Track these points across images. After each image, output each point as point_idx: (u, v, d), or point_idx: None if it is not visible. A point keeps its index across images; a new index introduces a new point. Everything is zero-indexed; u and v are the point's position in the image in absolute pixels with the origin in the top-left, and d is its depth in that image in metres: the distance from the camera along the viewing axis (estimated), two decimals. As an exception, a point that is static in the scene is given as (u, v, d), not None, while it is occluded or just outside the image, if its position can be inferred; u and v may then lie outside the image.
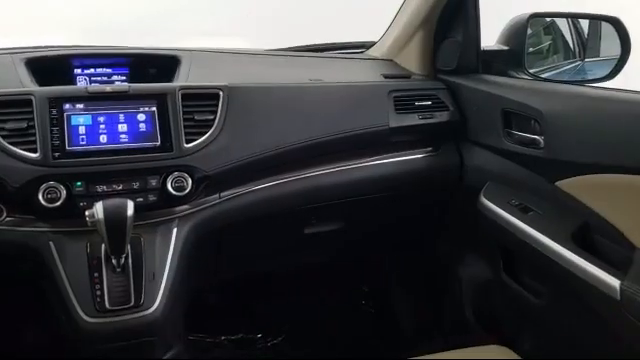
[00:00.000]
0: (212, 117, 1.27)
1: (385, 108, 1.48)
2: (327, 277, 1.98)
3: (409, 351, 1.16)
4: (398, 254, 1.96)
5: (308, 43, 1.85)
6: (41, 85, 1.26)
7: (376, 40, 1.85)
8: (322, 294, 2.01)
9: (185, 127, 1.23)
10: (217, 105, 1.28)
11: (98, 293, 1.09)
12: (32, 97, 1.17)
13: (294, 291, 1.99)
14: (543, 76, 1.58)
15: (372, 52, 1.84)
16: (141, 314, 1.10)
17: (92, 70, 1.44)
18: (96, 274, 1.11)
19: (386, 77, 1.59)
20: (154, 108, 1.24)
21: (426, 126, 1.52)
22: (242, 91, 1.33)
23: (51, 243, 1.14)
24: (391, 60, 1.75)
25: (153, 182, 1.19)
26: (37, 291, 1.22)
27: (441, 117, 1.53)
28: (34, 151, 1.14)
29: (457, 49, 1.58)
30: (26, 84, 1.25)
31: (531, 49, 1.59)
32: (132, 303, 1.10)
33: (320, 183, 1.42)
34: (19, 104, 1.17)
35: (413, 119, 1.50)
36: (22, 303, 1.52)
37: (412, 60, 1.70)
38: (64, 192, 1.12)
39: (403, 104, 1.50)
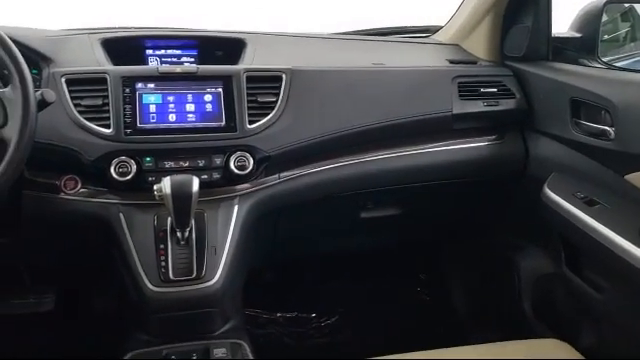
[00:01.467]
0: (274, 99, 1.30)
1: (449, 94, 1.46)
2: (383, 262, 1.98)
3: (464, 340, 1.16)
4: (456, 242, 1.94)
5: (372, 27, 1.84)
6: (115, 64, 1.32)
7: (442, 24, 1.82)
8: (377, 278, 2.01)
9: (248, 108, 1.27)
10: (280, 87, 1.31)
11: (163, 264, 1.14)
12: (107, 75, 1.23)
13: (350, 274, 2.01)
14: (618, 65, 1.51)
15: (437, 37, 1.81)
16: (202, 286, 1.15)
17: (163, 51, 1.49)
18: (162, 246, 1.16)
19: (451, 62, 1.57)
20: (220, 89, 1.28)
21: (491, 113, 1.49)
22: (304, 74, 1.35)
23: (121, 215, 1.20)
24: (457, 45, 1.72)
25: (217, 160, 1.23)
26: (107, 260, 1.28)
27: (507, 105, 1.50)
28: (107, 127, 1.20)
29: (526, 35, 1.53)
30: (102, 63, 1.31)
31: (606, 36, 1.52)
32: (194, 275, 1.14)
33: (379, 168, 1.42)
34: (95, 82, 1.23)
35: (477, 106, 1.48)
36: (93, 271, 1.61)
37: (479, 45, 1.67)
38: (134, 167, 1.18)
39: (468, 90, 1.48)
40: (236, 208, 1.25)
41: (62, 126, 1.18)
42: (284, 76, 1.32)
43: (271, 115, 1.28)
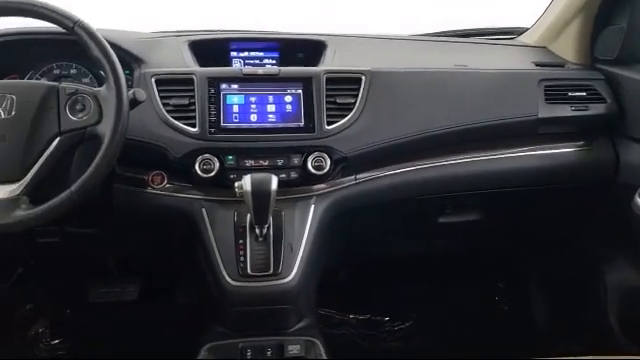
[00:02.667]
0: (353, 100, 1.30)
1: (534, 97, 1.41)
2: (461, 268, 1.94)
3: (544, 352, 1.11)
4: (538, 250, 1.87)
5: (454, 28, 1.81)
6: (201, 66, 1.37)
7: (528, 26, 1.76)
8: (454, 285, 1.97)
9: (327, 109, 1.28)
10: (359, 89, 1.31)
11: (242, 259, 1.18)
12: (194, 76, 1.28)
13: (426, 279, 1.98)
14: None
15: (523, 38, 1.75)
16: (278, 282, 1.17)
17: (246, 53, 1.54)
18: (241, 241, 1.19)
19: (537, 65, 1.52)
20: (300, 90, 1.30)
21: (579, 118, 1.43)
22: (385, 76, 1.35)
23: (204, 210, 1.25)
24: (544, 47, 1.66)
25: (295, 160, 1.25)
26: (189, 253, 1.33)
27: (596, 109, 1.43)
28: (193, 126, 1.25)
29: (620, 37, 1.45)
30: (189, 64, 1.37)
31: None
32: (271, 271, 1.17)
33: (459, 172, 1.39)
34: (182, 82, 1.29)
35: (565, 110, 1.42)
36: (175, 264, 1.67)
37: (568, 48, 1.60)
38: (217, 164, 1.22)
39: (555, 94, 1.42)
40: (312, 207, 1.26)
41: (151, 124, 1.24)
42: (364, 77, 1.32)
43: (349, 116, 1.28)
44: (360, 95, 1.30)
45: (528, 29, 1.76)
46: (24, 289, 1.82)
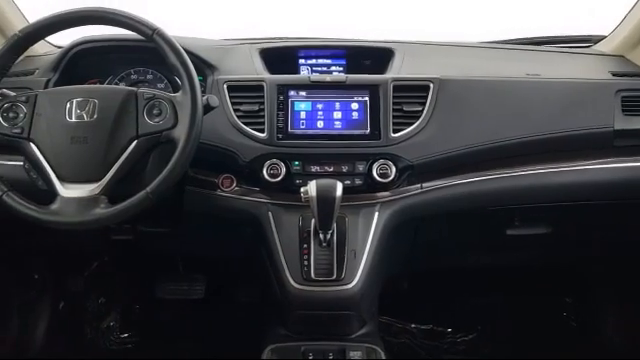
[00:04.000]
0: (420, 108, 1.30)
1: (610, 108, 1.35)
2: (528, 281, 1.88)
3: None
4: (611, 266, 1.79)
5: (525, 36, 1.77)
6: (270, 72, 1.40)
7: (605, 34, 1.69)
8: (521, 298, 1.92)
9: (394, 117, 1.28)
10: (426, 97, 1.31)
11: (305, 263, 1.19)
12: (264, 83, 1.32)
13: (491, 291, 1.93)
14: None
15: (600, 47, 1.69)
16: (341, 288, 1.18)
17: (314, 60, 1.56)
18: (305, 245, 1.21)
19: (615, 75, 1.45)
20: (367, 98, 1.30)
21: None
22: (453, 84, 1.33)
23: (270, 213, 1.28)
24: (622, 56, 1.59)
25: (360, 167, 1.26)
26: (254, 255, 1.37)
27: None
28: (262, 131, 1.28)
29: None
30: (259, 71, 1.40)
31: None
32: (334, 276, 1.18)
33: (529, 183, 1.35)
34: (253, 89, 1.32)
35: None
36: (240, 265, 1.71)
37: (649, 57, 1.53)
38: (284, 169, 1.25)
39: (633, 105, 1.36)
40: (376, 215, 1.27)
41: (222, 129, 1.28)
42: (432, 85, 1.31)
43: (416, 124, 1.28)
44: (428, 103, 1.30)
45: (605, 37, 1.69)
46: (97, 283, 1.91)
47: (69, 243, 1.65)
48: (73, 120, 1.09)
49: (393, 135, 1.27)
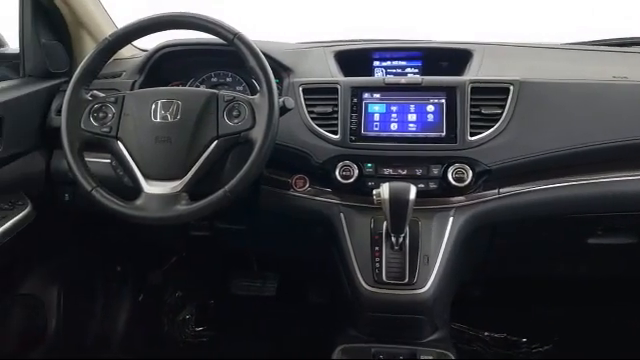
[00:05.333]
0: (499, 111, 1.26)
1: None
2: (608, 291, 1.78)
3: None
4: None
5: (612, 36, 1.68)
6: (345, 75, 1.41)
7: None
8: (602, 309, 1.82)
9: (471, 120, 1.26)
10: (506, 100, 1.27)
11: (377, 265, 1.19)
12: (338, 86, 1.33)
13: (570, 300, 1.85)
14: None
15: (695, 47, 1.58)
16: (413, 292, 1.17)
17: (389, 62, 1.56)
18: (376, 248, 1.21)
19: None
20: (443, 100, 1.28)
21: None
22: (535, 86, 1.29)
23: (342, 214, 1.28)
24: None
25: (435, 171, 1.24)
26: (325, 255, 1.38)
27: None
28: (335, 133, 1.29)
29: None
30: (334, 74, 1.41)
31: None
32: (406, 280, 1.17)
33: (613, 190, 1.28)
34: (327, 91, 1.33)
35: None
36: (311, 264, 1.73)
37: None
38: (356, 171, 1.25)
39: None
40: (451, 220, 1.24)
41: (297, 130, 1.31)
42: (512, 88, 1.27)
43: (495, 127, 1.25)
44: (507, 106, 1.26)
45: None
46: (175, 277, 1.99)
47: (150, 238, 1.73)
48: (158, 120, 1.14)
49: (470, 138, 1.24)
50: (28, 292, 1.60)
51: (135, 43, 1.63)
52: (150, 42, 1.47)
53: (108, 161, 1.34)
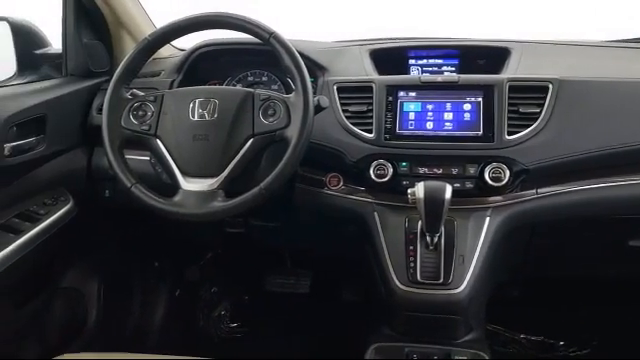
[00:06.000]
0: (538, 110, 1.24)
1: None
2: None
3: None
4: None
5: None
6: (380, 73, 1.41)
7: None
8: None
9: (509, 119, 1.24)
10: (545, 98, 1.25)
11: (411, 265, 1.18)
12: (373, 84, 1.32)
13: (610, 302, 1.80)
14: None
15: None
16: (448, 292, 1.16)
17: (425, 61, 1.54)
18: (411, 247, 1.20)
19: None
20: (480, 99, 1.27)
21: None
22: (575, 85, 1.26)
23: (376, 213, 1.28)
24: None
25: (471, 170, 1.23)
26: (359, 253, 1.38)
27: None
28: (370, 132, 1.29)
29: None
30: (369, 72, 1.41)
31: None
32: (441, 280, 1.16)
33: None
34: (362, 90, 1.33)
35: None
36: (345, 262, 1.74)
37: None
38: (391, 170, 1.25)
39: None
40: (487, 220, 1.23)
41: (331, 129, 1.31)
42: (551, 86, 1.25)
43: (533, 127, 1.22)
44: (546, 104, 1.24)
45: None
46: (211, 273, 2.02)
47: (187, 234, 1.75)
48: (195, 119, 1.16)
49: (508, 137, 1.22)
50: (69, 285, 1.64)
51: (173, 43, 1.66)
52: (187, 42, 1.49)
53: (147, 158, 1.37)
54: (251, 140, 1.14)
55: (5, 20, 1.48)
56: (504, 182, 1.20)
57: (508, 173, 1.20)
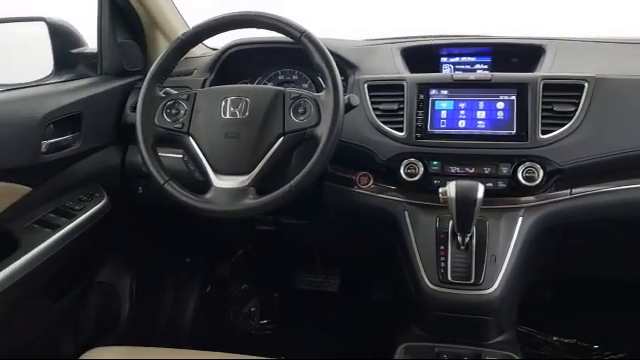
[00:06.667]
0: (573, 109, 1.22)
1: None
2: None
3: None
4: None
5: None
6: (411, 71, 1.40)
7: None
8: None
9: (543, 117, 1.22)
10: (580, 97, 1.22)
11: (442, 265, 1.17)
12: (404, 82, 1.31)
13: None
14: None
15: None
16: (480, 292, 1.15)
17: (457, 59, 1.53)
18: (442, 247, 1.19)
19: None
20: (513, 97, 1.25)
21: None
22: (611, 83, 1.23)
23: (406, 212, 1.27)
24: None
25: (504, 169, 1.21)
26: (388, 253, 1.37)
27: None
28: (400, 130, 1.28)
29: None
30: (400, 71, 1.40)
31: None
32: (472, 280, 1.15)
33: None
34: (393, 88, 1.33)
35: None
36: (375, 261, 1.73)
37: None
38: (422, 169, 1.24)
39: None
40: (520, 220, 1.21)
41: (361, 127, 1.30)
42: (586, 85, 1.22)
43: (568, 126, 1.20)
44: (581, 103, 1.21)
45: None
46: (241, 270, 2.04)
47: (218, 231, 1.77)
48: (227, 117, 1.17)
49: (542, 136, 1.20)
50: (103, 280, 1.68)
51: (205, 42, 1.68)
52: (219, 41, 1.50)
53: (180, 156, 1.38)
54: (281, 138, 1.14)
55: (43, 20, 1.51)
56: (537, 182, 1.18)
57: (542, 173, 1.18)
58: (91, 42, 1.62)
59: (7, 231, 1.22)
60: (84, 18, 1.64)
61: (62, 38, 1.54)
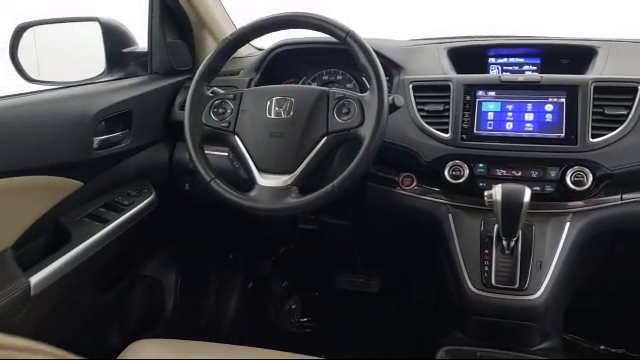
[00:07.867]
0: (625, 112, 1.18)
1: None
2: None
3: None
4: None
5: None
6: (458, 72, 1.38)
7: None
8: None
9: (593, 121, 1.19)
10: (633, 100, 1.19)
11: (486, 269, 1.16)
12: (450, 83, 1.30)
13: None
14: None
15: None
16: (524, 298, 1.13)
17: (505, 60, 1.50)
18: (486, 251, 1.18)
19: None
20: (563, 99, 1.22)
21: None
22: None
23: (450, 215, 1.26)
24: None
25: (552, 173, 1.19)
26: (431, 255, 1.36)
27: None
28: (446, 132, 1.27)
29: None
30: (446, 71, 1.39)
31: None
32: (517, 285, 1.13)
33: None
34: (439, 89, 1.31)
35: None
36: (416, 263, 1.72)
37: None
38: (467, 171, 1.22)
39: None
40: (567, 225, 1.18)
41: (406, 128, 1.30)
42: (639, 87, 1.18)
43: (619, 129, 1.17)
44: (634, 107, 1.17)
45: None
46: (283, 268, 2.05)
47: (261, 228, 1.79)
48: (272, 116, 1.18)
49: (592, 140, 1.17)
50: (149, 274, 1.72)
51: (252, 42, 1.70)
52: (265, 41, 1.52)
53: (226, 154, 1.41)
54: (325, 138, 1.15)
55: (96, 20, 1.56)
56: (586, 187, 1.15)
57: (591, 177, 1.15)
58: (142, 42, 1.66)
59: (60, 224, 1.26)
60: (135, 19, 1.68)
61: (114, 37, 1.58)
